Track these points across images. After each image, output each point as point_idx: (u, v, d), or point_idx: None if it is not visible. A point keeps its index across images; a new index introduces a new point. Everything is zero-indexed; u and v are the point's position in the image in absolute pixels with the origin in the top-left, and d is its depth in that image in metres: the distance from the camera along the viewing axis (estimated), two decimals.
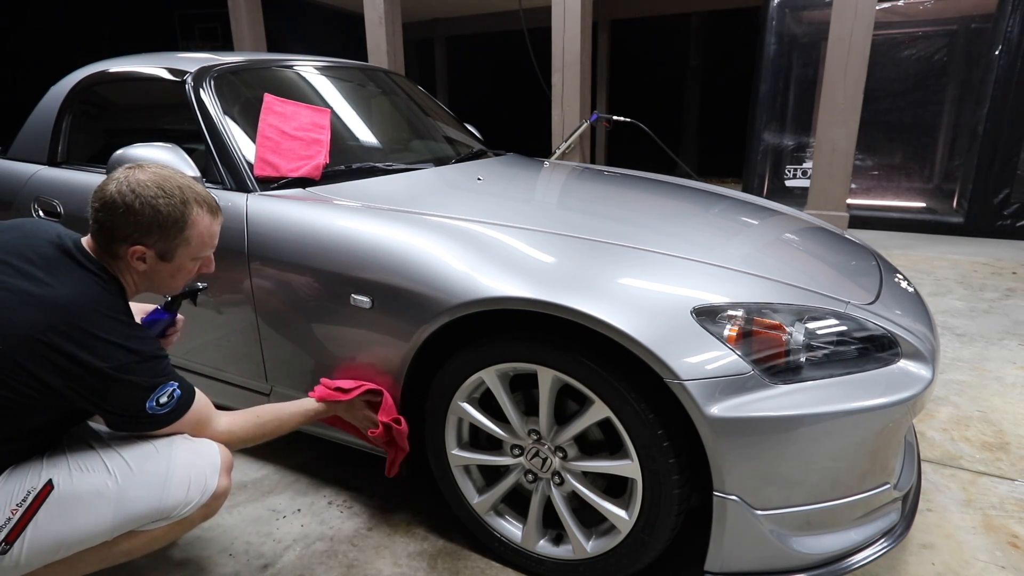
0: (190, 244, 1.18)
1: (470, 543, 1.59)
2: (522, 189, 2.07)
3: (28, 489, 1.09)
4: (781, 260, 1.57)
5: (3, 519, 1.07)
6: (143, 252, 1.14)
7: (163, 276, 1.21)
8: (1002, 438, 2.07)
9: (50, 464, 1.14)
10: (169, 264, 1.18)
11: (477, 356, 1.38)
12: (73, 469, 1.14)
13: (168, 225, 1.13)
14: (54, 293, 1.05)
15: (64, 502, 1.10)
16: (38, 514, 1.08)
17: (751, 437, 1.14)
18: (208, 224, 1.20)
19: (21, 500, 1.08)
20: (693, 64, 9.88)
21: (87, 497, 1.11)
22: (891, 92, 5.44)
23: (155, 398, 1.12)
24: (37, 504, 1.09)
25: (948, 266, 4.18)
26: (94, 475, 1.14)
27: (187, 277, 1.25)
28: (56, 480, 1.11)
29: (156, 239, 1.14)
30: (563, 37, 5.05)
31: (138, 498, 1.14)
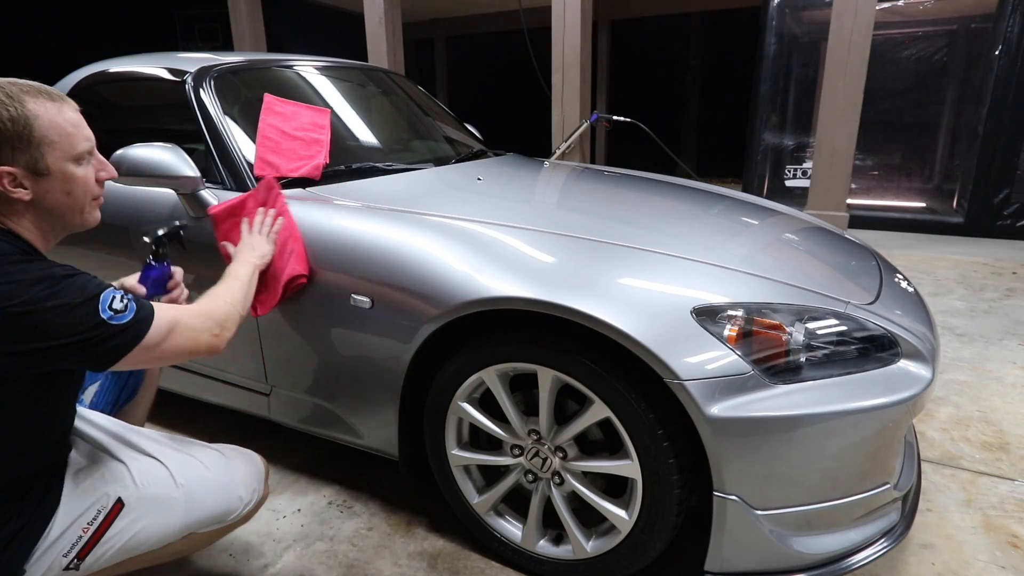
0: (53, 142, 0.98)
1: (470, 543, 1.59)
2: (522, 189, 2.07)
3: (98, 508, 1.09)
4: (781, 260, 1.57)
5: (75, 537, 1.07)
6: (10, 172, 0.96)
7: (57, 197, 1.01)
8: (1002, 438, 2.07)
9: (113, 480, 1.13)
10: (50, 178, 1.00)
11: (477, 356, 1.38)
12: (140, 484, 1.14)
13: (10, 129, 0.94)
14: None
15: (134, 516, 1.12)
16: (109, 530, 1.09)
17: (751, 437, 1.14)
18: (56, 111, 0.99)
19: (92, 519, 1.08)
20: (693, 64, 9.88)
21: (157, 509, 1.14)
22: (891, 92, 5.44)
23: (103, 304, 0.95)
24: (108, 522, 1.10)
25: (948, 266, 4.18)
26: (161, 487, 1.16)
27: (87, 189, 1.05)
28: (125, 497, 1.12)
29: (11, 152, 0.95)
30: (563, 37, 5.05)
31: (204, 506, 1.18)
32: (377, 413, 1.57)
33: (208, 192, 1.70)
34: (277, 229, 1.55)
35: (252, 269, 1.42)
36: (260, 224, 1.56)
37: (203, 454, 1.25)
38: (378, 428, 1.59)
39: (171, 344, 1.06)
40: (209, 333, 1.14)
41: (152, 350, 1.03)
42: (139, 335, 1.00)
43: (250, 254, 1.46)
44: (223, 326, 1.18)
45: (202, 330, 1.12)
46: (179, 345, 1.07)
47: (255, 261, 1.45)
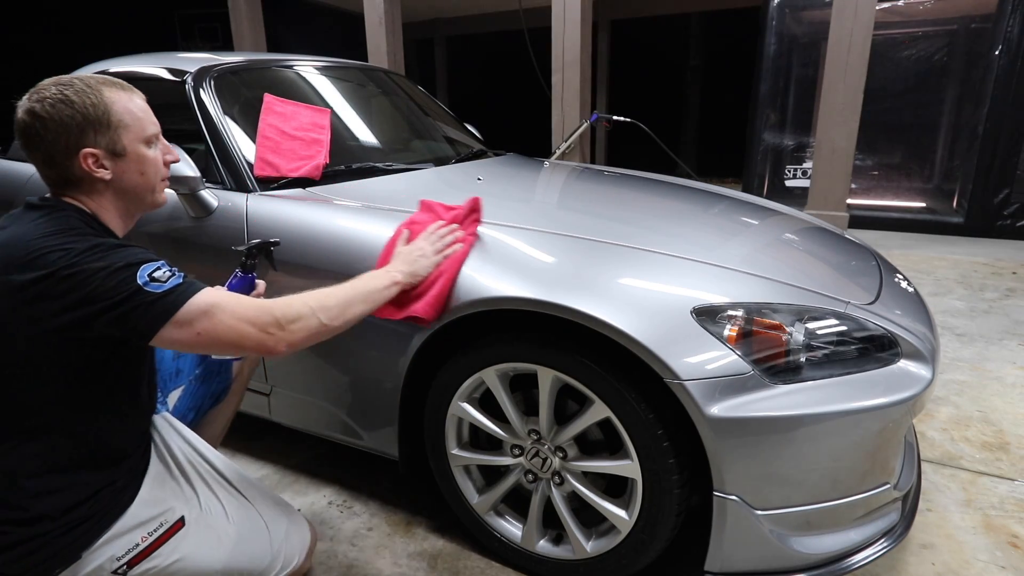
0: (128, 125, 1.07)
1: (470, 543, 1.59)
2: (522, 189, 2.07)
3: (162, 521, 1.11)
4: (781, 260, 1.57)
5: (132, 543, 1.07)
6: (92, 153, 1.04)
7: (133, 176, 1.10)
8: (1002, 438, 2.07)
9: (183, 498, 1.15)
10: (126, 158, 1.08)
11: (477, 356, 1.38)
12: (204, 511, 1.16)
13: (92, 113, 1.03)
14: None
15: (188, 540, 1.12)
16: (163, 546, 1.10)
17: (751, 437, 1.14)
18: (128, 99, 1.09)
19: (153, 529, 1.09)
20: (693, 64, 9.88)
21: (208, 541, 1.15)
22: (891, 92, 5.44)
23: (145, 272, 0.97)
24: (166, 537, 1.11)
25: (948, 266, 4.18)
26: (218, 521, 1.17)
27: (158, 169, 1.14)
28: (188, 518, 1.13)
29: (92, 134, 1.04)
30: (563, 37, 5.05)
31: (248, 555, 1.19)
32: (377, 413, 1.57)
33: (208, 192, 1.70)
34: (447, 253, 1.36)
35: (388, 282, 1.26)
36: (435, 237, 1.38)
37: (264, 504, 1.27)
38: (378, 428, 1.59)
39: (207, 327, 0.99)
40: (259, 328, 1.03)
41: (185, 329, 0.98)
42: (172, 308, 0.97)
43: (401, 266, 1.31)
44: (284, 326, 1.05)
45: (250, 322, 1.02)
46: (217, 331, 1.00)
47: (400, 276, 1.28)
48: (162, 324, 0.97)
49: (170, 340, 0.99)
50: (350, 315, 1.17)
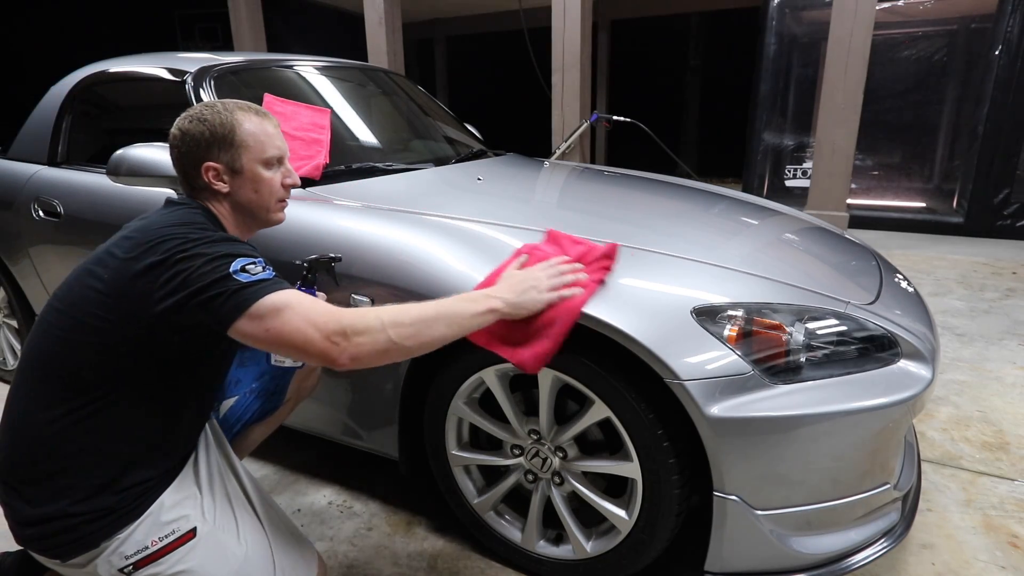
0: (249, 146, 1.16)
1: (470, 543, 1.59)
2: (522, 189, 2.07)
3: (174, 528, 1.11)
4: (781, 260, 1.57)
5: (142, 544, 1.08)
6: (214, 167, 1.15)
7: (247, 193, 1.18)
8: (1002, 438, 2.07)
9: (199, 508, 1.15)
10: (243, 176, 1.17)
11: (477, 356, 1.38)
12: (217, 526, 1.16)
13: (219, 132, 1.14)
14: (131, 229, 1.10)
15: (196, 552, 1.12)
16: (171, 554, 1.10)
17: (751, 437, 1.14)
18: (257, 122, 1.18)
19: (165, 535, 1.09)
20: (693, 64, 9.88)
21: (215, 556, 1.14)
22: (891, 92, 5.44)
23: (239, 263, 1.02)
24: (176, 544, 1.10)
25: (948, 266, 4.18)
26: (228, 537, 1.17)
27: (272, 190, 1.20)
28: (200, 530, 1.13)
29: (217, 151, 1.15)
30: (563, 37, 5.05)
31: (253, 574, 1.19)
32: (377, 413, 1.57)
33: None
34: (564, 294, 1.20)
35: (485, 307, 1.12)
36: (555, 272, 1.23)
37: (278, 531, 1.26)
38: (378, 428, 1.59)
39: (276, 326, 1.00)
40: (324, 335, 1.00)
41: (256, 323, 0.99)
42: (250, 300, 0.99)
43: (505, 293, 1.16)
44: (349, 337, 1.01)
45: (317, 328, 1.00)
46: (284, 331, 1.00)
47: (501, 303, 1.14)
48: (239, 314, 0.99)
49: (243, 332, 1.01)
50: (428, 336, 1.07)
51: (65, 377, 1.05)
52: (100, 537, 1.05)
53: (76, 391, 1.04)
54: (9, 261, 2.30)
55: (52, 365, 1.06)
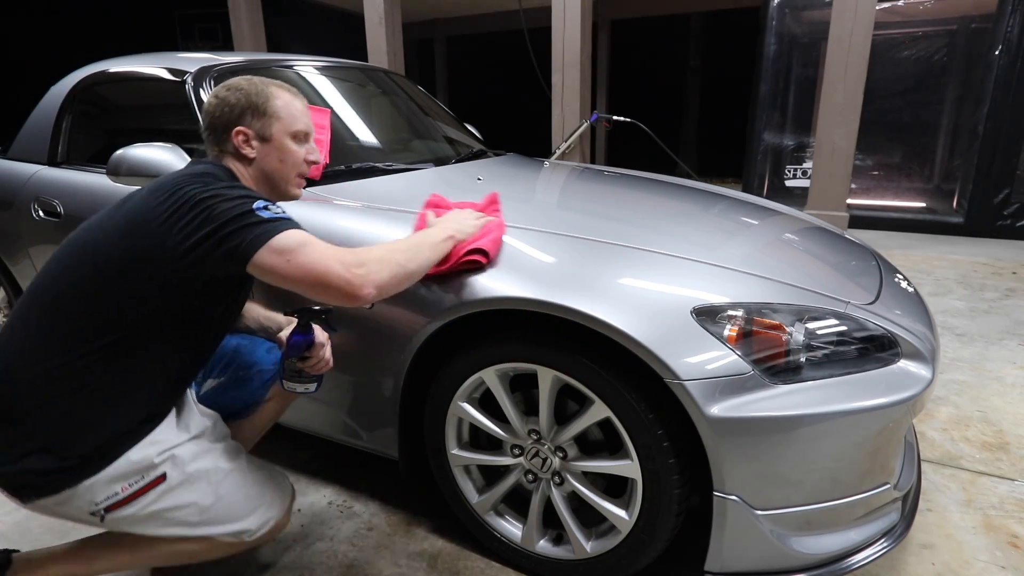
0: (281, 118, 1.25)
1: (470, 543, 1.59)
2: (522, 189, 2.07)
3: (143, 475, 1.13)
4: (781, 260, 1.57)
5: (111, 491, 1.11)
6: (245, 132, 1.23)
7: (272, 161, 1.26)
8: (1002, 438, 2.07)
9: (170, 456, 1.17)
10: (271, 144, 1.25)
11: (477, 356, 1.38)
12: (188, 473, 1.18)
13: (255, 102, 1.23)
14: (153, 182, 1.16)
15: (165, 498, 1.16)
16: (141, 498, 1.13)
17: (751, 437, 1.14)
18: (289, 99, 1.27)
19: (135, 480, 1.12)
20: (693, 64, 9.88)
21: (185, 503, 1.18)
22: (891, 92, 5.44)
23: (260, 203, 1.10)
24: (146, 489, 1.14)
25: (948, 266, 4.18)
26: (199, 484, 1.19)
27: (295, 162, 1.28)
28: (170, 476, 1.16)
29: (250, 118, 1.23)
30: (563, 37, 5.05)
31: (228, 513, 1.23)
32: (377, 413, 1.57)
33: None
34: (486, 219, 1.45)
35: (444, 235, 1.32)
36: (468, 211, 1.47)
37: (247, 464, 1.30)
38: (378, 428, 1.59)
39: (299, 258, 1.06)
40: (343, 265, 1.08)
41: (279, 256, 1.06)
42: (272, 232, 1.06)
43: (450, 224, 1.37)
44: (366, 266, 1.10)
45: (338, 260, 1.08)
46: (306, 263, 1.06)
47: (452, 231, 1.35)
48: (261, 245, 1.05)
49: (265, 265, 1.06)
50: (422, 259, 1.24)
51: (72, 322, 1.07)
52: (66, 484, 1.08)
53: (80, 338, 1.07)
54: (9, 261, 2.30)
55: (60, 309, 1.08)
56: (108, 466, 1.10)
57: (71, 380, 1.07)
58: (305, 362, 1.37)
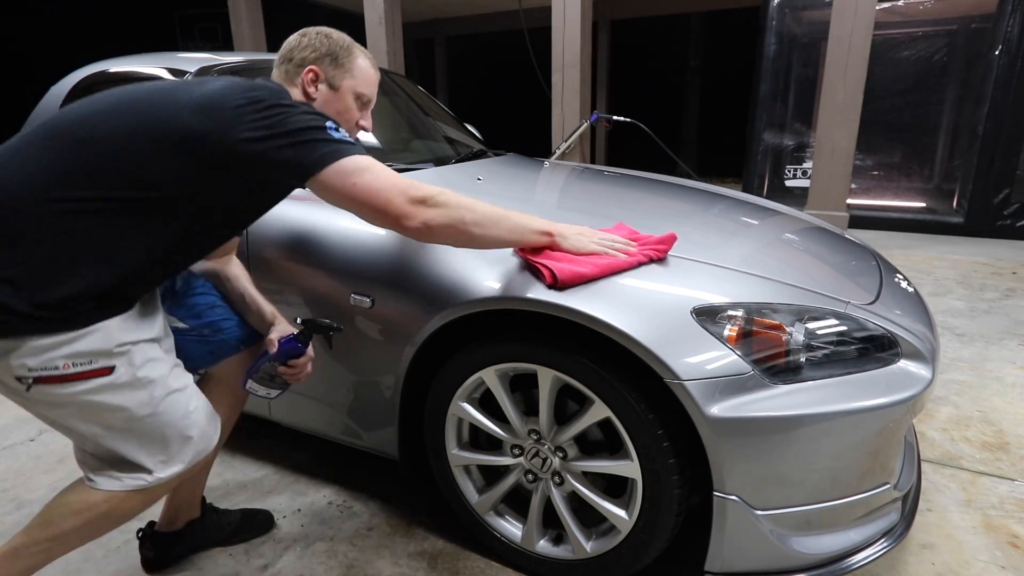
0: (355, 76, 1.29)
1: (470, 543, 1.59)
2: (522, 189, 2.07)
3: (92, 358, 1.05)
4: (781, 260, 1.57)
5: (51, 363, 1.02)
6: (317, 73, 1.26)
7: (330, 110, 1.27)
8: (1002, 438, 2.07)
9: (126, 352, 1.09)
10: (336, 94, 1.28)
11: (477, 356, 1.38)
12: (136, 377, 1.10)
13: (336, 51, 1.28)
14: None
15: (102, 393, 1.08)
16: (78, 383, 1.05)
17: (751, 437, 1.14)
18: (368, 64, 1.32)
19: (81, 362, 1.05)
20: (693, 64, 9.89)
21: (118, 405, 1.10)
22: (891, 92, 5.44)
23: (332, 124, 1.12)
24: (88, 375, 1.06)
25: (948, 266, 4.18)
26: (140, 393, 1.11)
27: (350, 120, 1.31)
28: (118, 371, 1.08)
29: (327, 64, 1.27)
30: (563, 37, 5.05)
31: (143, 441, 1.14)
32: (377, 413, 1.57)
33: None
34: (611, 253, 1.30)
35: (541, 228, 1.26)
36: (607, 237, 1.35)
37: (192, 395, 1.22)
38: (378, 428, 1.59)
39: (363, 182, 1.08)
40: (407, 199, 1.09)
41: (345, 177, 1.07)
42: (344, 152, 1.08)
43: (562, 227, 1.30)
44: (428, 202, 1.10)
45: (400, 191, 1.09)
46: (371, 188, 1.07)
47: (554, 230, 1.28)
48: (330, 162, 1.07)
49: (327, 183, 1.08)
50: (494, 233, 1.20)
51: (101, 166, 1.03)
52: (14, 331, 1.00)
53: (103, 184, 1.02)
54: None
55: (93, 148, 1.03)
56: (63, 333, 1.02)
57: (73, 220, 1.01)
58: (287, 369, 1.38)
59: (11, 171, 1.03)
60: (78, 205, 1.01)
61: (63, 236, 1.01)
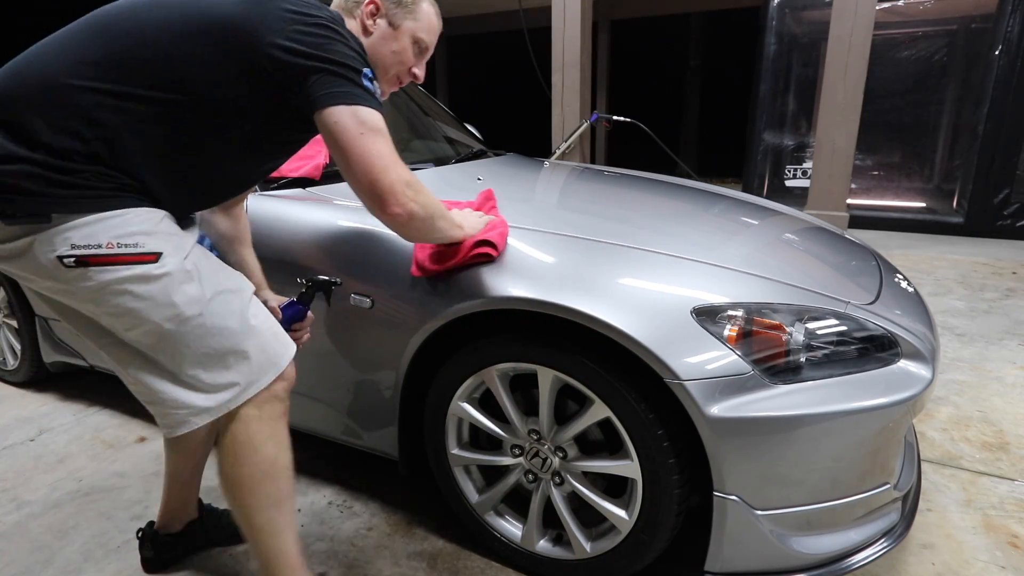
0: (417, 19, 1.24)
1: (470, 543, 1.59)
2: (522, 189, 2.07)
3: (139, 241, 0.99)
4: (781, 260, 1.57)
5: (95, 240, 0.97)
6: (379, 7, 1.21)
7: (386, 48, 1.23)
8: (1002, 438, 2.07)
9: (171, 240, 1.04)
10: (394, 33, 1.22)
11: (477, 356, 1.38)
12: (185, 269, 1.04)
13: None
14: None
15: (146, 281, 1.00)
16: (123, 266, 0.98)
17: (751, 437, 1.14)
18: (433, 12, 1.27)
19: (129, 243, 0.98)
20: (693, 64, 9.89)
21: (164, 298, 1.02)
22: (891, 92, 5.44)
23: (369, 72, 1.08)
24: (133, 259, 0.99)
25: (948, 266, 4.18)
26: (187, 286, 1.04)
27: (403, 63, 1.26)
28: (164, 259, 1.01)
29: (390, 1, 1.21)
30: (563, 37, 5.06)
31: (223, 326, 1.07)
32: (377, 413, 1.57)
33: None
34: (486, 219, 1.43)
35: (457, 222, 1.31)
36: (468, 210, 1.46)
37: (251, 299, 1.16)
38: (378, 428, 1.59)
39: (371, 137, 1.04)
40: (399, 177, 1.07)
41: (358, 124, 1.03)
42: (367, 102, 1.05)
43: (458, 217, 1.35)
44: (415, 191, 1.10)
45: (396, 168, 1.07)
46: (373, 148, 1.04)
47: (459, 221, 1.33)
48: (348, 103, 1.03)
49: (338, 124, 1.03)
50: (446, 228, 1.25)
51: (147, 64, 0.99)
52: (56, 206, 0.95)
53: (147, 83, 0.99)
54: None
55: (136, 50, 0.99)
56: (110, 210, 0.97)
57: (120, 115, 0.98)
58: (292, 334, 1.37)
59: (49, 57, 0.99)
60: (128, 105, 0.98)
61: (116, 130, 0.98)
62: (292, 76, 1.02)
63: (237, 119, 1.07)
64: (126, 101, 0.98)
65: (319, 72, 1.02)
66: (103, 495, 1.82)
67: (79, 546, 1.61)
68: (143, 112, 1.00)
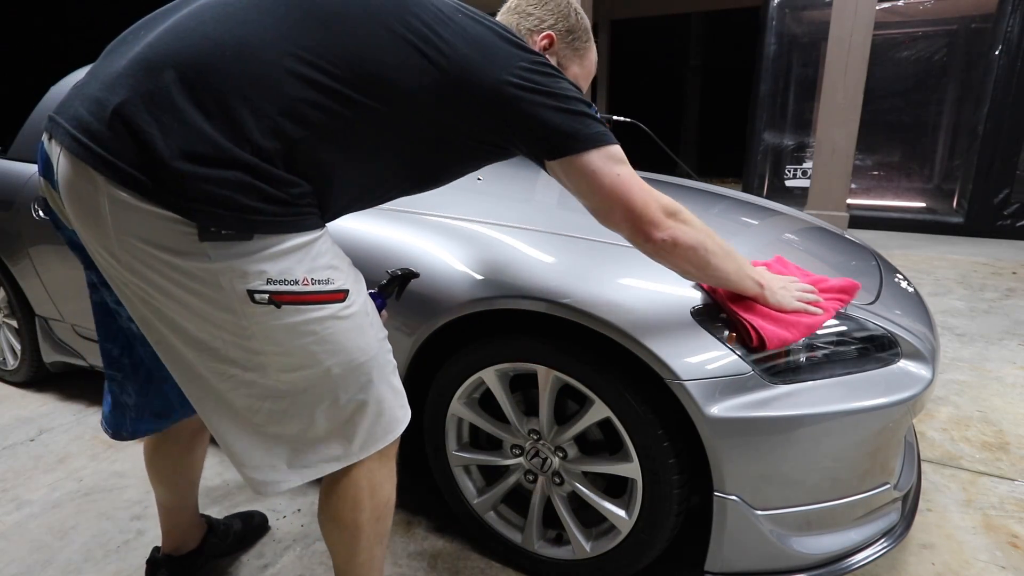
0: (583, 66, 1.17)
1: (470, 543, 1.59)
2: (522, 189, 2.07)
3: (330, 277, 0.89)
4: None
5: (292, 276, 0.85)
6: (553, 41, 1.12)
7: None
8: (1002, 438, 2.07)
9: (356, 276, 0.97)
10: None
11: (477, 356, 1.38)
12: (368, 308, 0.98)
13: (580, 33, 1.14)
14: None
15: (335, 321, 0.91)
16: (317, 305, 0.88)
17: (751, 437, 1.14)
18: (595, 60, 1.19)
19: (322, 279, 0.88)
20: (693, 64, 9.90)
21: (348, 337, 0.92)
22: (891, 92, 5.44)
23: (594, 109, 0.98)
24: (326, 298, 0.89)
25: (948, 266, 4.19)
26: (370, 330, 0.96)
27: None
28: (352, 297, 0.92)
29: (568, 39, 1.13)
30: None
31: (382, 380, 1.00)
32: None
33: None
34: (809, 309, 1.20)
35: (756, 277, 1.17)
36: (800, 288, 1.25)
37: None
38: None
39: (626, 175, 0.96)
40: (660, 206, 0.98)
41: (610, 164, 0.96)
42: (611, 138, 0.97)
43: (774, 281, 1.21)
44: (678, 218, 1.00)
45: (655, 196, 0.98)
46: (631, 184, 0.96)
47: (765, 283, 1.18)
48: (597, 145, 0.95)
49: (588, 165, 0.95)
50: (724, 267, 1.09)
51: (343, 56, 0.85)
52: (260, 225, 0.81)
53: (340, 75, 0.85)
54: (9, 261, 2.30)
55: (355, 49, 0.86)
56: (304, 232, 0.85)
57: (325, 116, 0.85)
58: None
59: (252, 27, 0.83)
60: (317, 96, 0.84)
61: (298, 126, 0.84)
62: (521, 114, 0.93)
63: (436, 145, 0.98)
64: (334, 100, 0.85)
65: (556, 111, 0.93)
66: (103, 495, 1.82)
67: (79, 546, 1.61)
68: (349, 116, 0.87)
